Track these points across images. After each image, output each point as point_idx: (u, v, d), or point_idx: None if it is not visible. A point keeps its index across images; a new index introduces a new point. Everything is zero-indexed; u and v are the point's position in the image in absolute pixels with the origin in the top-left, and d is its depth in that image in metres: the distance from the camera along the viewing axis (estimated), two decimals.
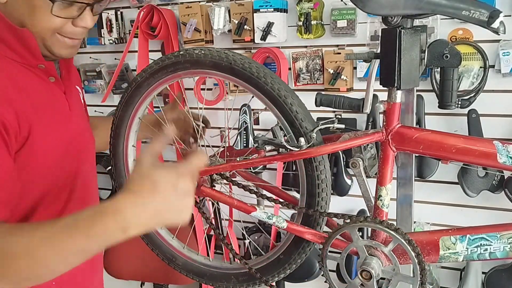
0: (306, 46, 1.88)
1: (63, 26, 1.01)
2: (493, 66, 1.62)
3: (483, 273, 1.72)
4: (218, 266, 1.21)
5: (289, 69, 1.91)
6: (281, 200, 1.11)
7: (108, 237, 0.80)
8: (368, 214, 1.06)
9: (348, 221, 0.98)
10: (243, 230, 2.05)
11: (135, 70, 2.17)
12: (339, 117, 1.87)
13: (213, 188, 1.13)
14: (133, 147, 1.25)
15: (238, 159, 1.14)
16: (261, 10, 1.83)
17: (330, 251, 1.03)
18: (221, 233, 1.32)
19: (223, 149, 1.19)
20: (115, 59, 2.25)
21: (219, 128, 2.09)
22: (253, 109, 1.97)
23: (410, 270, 1.01)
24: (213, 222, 1.21)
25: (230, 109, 2.03)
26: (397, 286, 0.99)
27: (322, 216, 1.04)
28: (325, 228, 1.13)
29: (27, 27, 1.00)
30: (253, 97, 1.06)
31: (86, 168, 1.18)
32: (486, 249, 0.93)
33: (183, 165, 0.84)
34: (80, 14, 1.02)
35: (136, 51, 2.07)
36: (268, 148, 1.01)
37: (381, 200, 1.01)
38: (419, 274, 0.93)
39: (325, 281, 1.06)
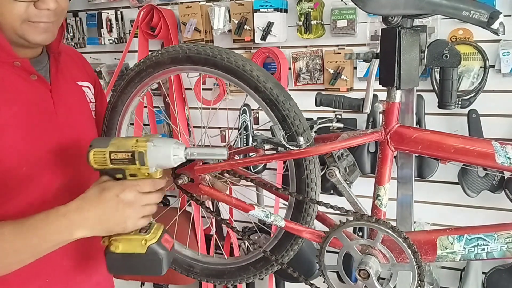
0: (306, 46, 1.88)
1: (27, 11, 1.01)
2: (493, 66, 1.62)
3: (483, 273, 1.72)
4: (235, 262, 1.21)
5: (289, 69, 1.91)
6: (272, 184, 1.10)
7: (57, 238, 0.92)
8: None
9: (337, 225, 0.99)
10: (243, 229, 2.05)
11: None
12: (339, 117, 1.87)
13: (211, 186, 1.13)
14: None
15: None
16: (261, 10, 1.83)
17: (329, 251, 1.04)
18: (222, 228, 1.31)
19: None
20: (115, 59, 2.25)
21: (219, 128, 2.09)
22: (253, 109, 1.97)
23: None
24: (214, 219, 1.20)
25: (225, 108, 2.03)
26: (397, 285, 0.99)
27: (311, 203, 1.04)
28: (325, 228, 1.13)
29: None
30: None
31: (78, 165, 1.13)
32: (483, 249, 0.93)
33: (129, 182, 0.95)
34: None
35: (136, 51, 2.07)
36: (266, 147, 1.01)
37: (379, 199, 1.01)
38: (413, 258, 0.94)
39: (324, 282, 1.06)
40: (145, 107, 2.10)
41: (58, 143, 1.11)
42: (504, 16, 0.87)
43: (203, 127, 1.87)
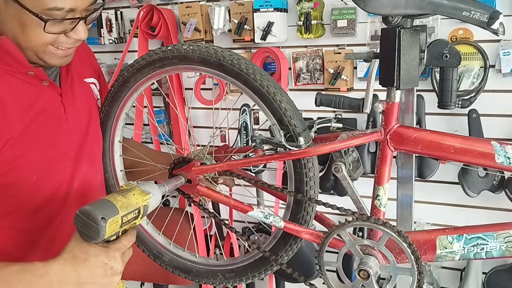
0: (306, 46, 1.88)
1: (56, 39, 1.01)
2: (493, 66, 1.62)
3: (483, 273, 1.72)
4: (204, 263, 1.22)
5: (289, 69, 1.91)
6: (270, 184, 1.10)
7: None
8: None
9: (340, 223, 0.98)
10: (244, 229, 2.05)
11: None
12: (339, 116, 1.87)
13: (209, 187, 1.13)
14: (119, 143, 1.24)
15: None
16: (261, 9, 1.83)
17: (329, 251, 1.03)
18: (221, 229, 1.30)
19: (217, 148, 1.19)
20: (115, 58, 2.25)
21: (219, 128, 2.09)
22: (253, 109, 1.97)
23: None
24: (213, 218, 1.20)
25: (224, 108, 2.03)
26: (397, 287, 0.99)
27: (310, 203, 1.04)
28: (324, 229, 1.13)
29: (20, 42, 0.99)
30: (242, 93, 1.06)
31: (83, 167, 1.15)
32: (482, 248, 0.94)
33: (115, 245, 0.90)
34: (73, 27, 1.00)
35: (136, 51, 2.07)
36: (265, 147, 1.01)
37: (378, 199, 1.01)
38: (415, 264, 0.94)
39: (320, 277, 1.06)
40: (145, 107, 2.10)
41: (68, 150, 1.11)
42: (504, 16, 0.87)
43: (216, 128, 1.88)
